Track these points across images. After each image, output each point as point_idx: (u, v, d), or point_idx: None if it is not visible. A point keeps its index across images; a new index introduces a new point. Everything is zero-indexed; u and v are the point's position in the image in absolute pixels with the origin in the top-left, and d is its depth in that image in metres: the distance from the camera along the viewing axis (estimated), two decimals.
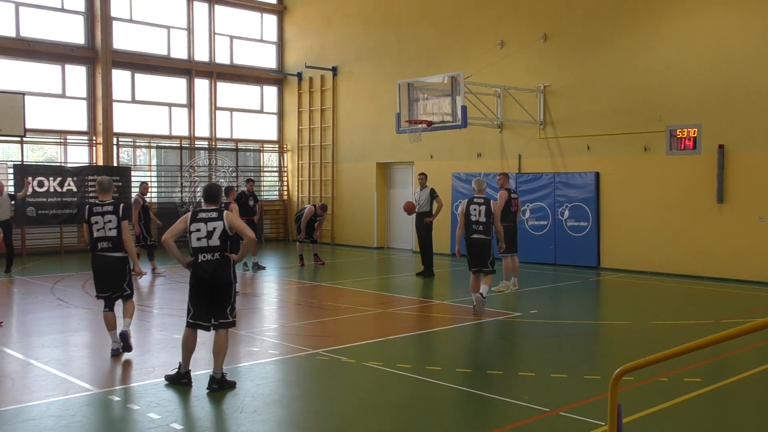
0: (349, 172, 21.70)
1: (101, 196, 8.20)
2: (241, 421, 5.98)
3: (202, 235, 6.73)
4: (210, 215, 6.79)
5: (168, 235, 6.84)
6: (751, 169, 13.73)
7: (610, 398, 3.80)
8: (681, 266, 14.63)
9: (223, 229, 6.75)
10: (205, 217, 6.78)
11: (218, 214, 6.78)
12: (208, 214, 6.80)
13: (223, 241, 6.76)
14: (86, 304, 11.45)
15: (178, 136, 21.71)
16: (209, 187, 7.07)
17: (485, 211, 10.65)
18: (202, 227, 6.74)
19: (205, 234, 6.73)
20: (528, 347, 9.03)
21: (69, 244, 19.37)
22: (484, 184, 11.08)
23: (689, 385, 6.81)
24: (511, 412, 6.16)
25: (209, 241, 6.73)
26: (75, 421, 5.89)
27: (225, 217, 6.77)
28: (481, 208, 10.68)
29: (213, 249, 6.74)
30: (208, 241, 6.73)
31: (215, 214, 6.79)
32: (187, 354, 6.90)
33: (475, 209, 10.69)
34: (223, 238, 6.76)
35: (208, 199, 6.96)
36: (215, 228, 6.74)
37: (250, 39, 23.33)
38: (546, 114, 16.81)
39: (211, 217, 6.77)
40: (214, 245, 6.74)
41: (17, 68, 19.03)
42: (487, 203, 10.73)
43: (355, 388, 6.97)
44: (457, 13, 18.64)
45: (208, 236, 6.73)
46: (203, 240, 6.73)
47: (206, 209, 6.87)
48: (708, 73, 14.22)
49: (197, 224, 6.76)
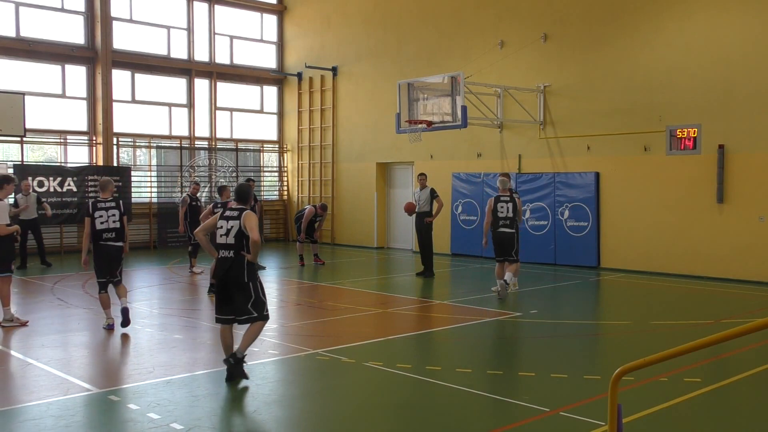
0: (349, 172, 21.70)
1: (102, 194, 9.47)
2: (241, 421, 5.98)
3: (222, 233, 6.98)
4: (233, 214, 7.01)
5: (200, 230, 7.25)
6: (751, 169, 13.73)
7: (610, 398, 3.80)
8: (681, 266, 14.63)
9: (239, 228, 6.92)
10: (229, 216, 7.02)
11: (239, 213, 6.98)
12: (232, 213, 7.03)
13: (238, 240, 6.91)
14: (86, 304, 11.45)
15: (178, 136, 21.71)
16: (239, 187, 7.29)
17: (512, 208, 11.97)
18: (224, 225, 6.99)
19: (224, 231, 6.97)
20: (528, 347, 9.03)
21: (69, 244, 19.37)
22: (509, 183, 12.31)
23: (689, 385, 6.81)
24: (511, 412, 6.16)
25: (227, 238, 6.95)
26: (75, 421, 5.89)
27: (242, 217, 6.95)
28: (508, 205, 11.97)
29: (229, 246, 6.92)
30: (226, 239, 6.95)
31: (236, 213, 6.99)
32: (226, 348, 7.08)
33: (502, 206, 11.98)
34: (239, 237, 6.91)
35: (237, 198, 7.18)
36: (233, 226, 6.94)
37: (250, 39, 23.33)
38: (546, 114, 16.80)
39: (232, 216, 6.99)
40: (230, 243, 6.92)
41: (17, 68, 19.03)
42: (513, 200, 12.01)
43: (355, 388, 6.97)
44: (457, 13, 18.64)
45: (227, 234, 6.95)
46: (223, 237, 6.97)
47: (232, 208, 7.08)
48: (708, 73, 14.22)
49: (222, 221, 7.02)
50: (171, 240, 20.76)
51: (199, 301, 11.97)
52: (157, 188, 21.21)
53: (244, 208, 7.08)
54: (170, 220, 20.85)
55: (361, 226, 21.23)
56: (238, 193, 7.20)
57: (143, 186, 21.00)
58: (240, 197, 7.15)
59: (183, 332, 9.35)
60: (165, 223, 20.78)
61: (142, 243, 20.53)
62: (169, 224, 20.81)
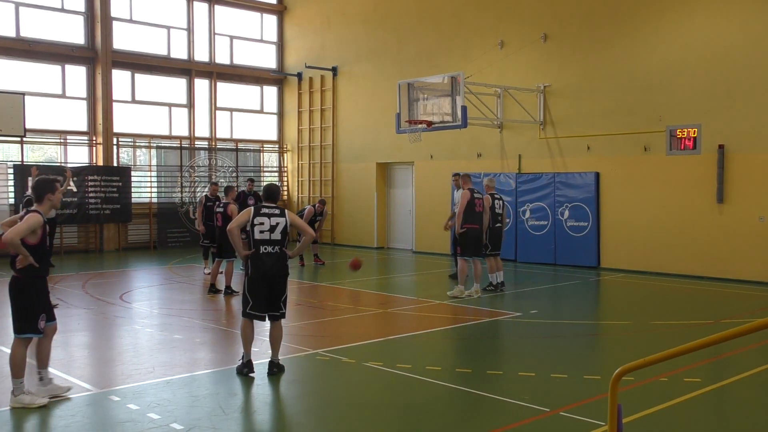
0: (349, 172, 21.70)
1: None
2: (241, 421, 5.98)
3: (265, 229, 7.21)
4: (273, 211, 7.30)
5: (234, 225, 7.29)
6: (751, 169, 13.73)
7: (610, 398, 3.80)
8: (681, 266, 14.63)
9: (285, 225, 7.27)
10: (269, 213, 7.28)
11: (281, 212, 7.31)
12: (271, 210, 7.31)
13: (283, 236, 7.28)
14: (86, 304, 11.45)
15: (178, 136, 21.70)
16: (269, 186, 7.57)
17: (502, 206, 12.68)
18: (266, 221, 7.23)
19: (268, 228, 7.21)
20: (528, 347, 9.02)
21: (69, 244, 19.37)
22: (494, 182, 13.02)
23: (689, 385, 6.81)
24: (511, 412, 6.16)
25: (272, 234, 7.21)
26: (75, 421, 5.89)
27: (287, 215, 7.33)
28: (500, 203, 12.68)
29: (274, 242, 7.22)
30: (270, 235, 7.21)
31: (278, 211, 7.30)
32: (247, 343, 7.25)
33: (498, 203, 12.59)
34: (284, 233, 7.28)
35: (268, 197, 7.47)
36: (278, 223, 7.25)
37: (250, 39, 23.33)
38: (546, 114, 16.81)
39: (274, 213, 7.29)
40: (276, 239, 7.22)
41: (17, 68, 19.03)
42: (502, 199, 12.84)
43: (355, 389, 6.97)
44: (457, 14, 18.64)
45: (271, 230, 7.22)
46: (266, 233, 7.20)
47: (268, 206, 7.37)
48: (708, 74, 14.22)
49: (261, 218, 7.23)
50: (171, 240, 20.76)
51: (200, 302, 11.96)
52: (157, 188, 21.21)
53: (282, 206, 7.39)
54: (170, 221, 20.87)
55: (361, 226, 21.23)
56: (268, 192, 7.51)
57: (143, 186, 21.00)
58: (271, 196, 7.46)
59: (183, 332, 9.35)
60: (165, 223, 20.78)
61: (142, 243, 20.53)
62: (169, 224, 20.81)
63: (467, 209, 11.92)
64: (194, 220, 17.80)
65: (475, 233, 11.96)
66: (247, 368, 7.17)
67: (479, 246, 12.12)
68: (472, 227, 11.93)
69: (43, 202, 6.38)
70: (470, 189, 12.13)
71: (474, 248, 12.01)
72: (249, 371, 7.15)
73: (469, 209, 11.93)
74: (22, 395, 6.16)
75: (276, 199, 7.49)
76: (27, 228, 6.11)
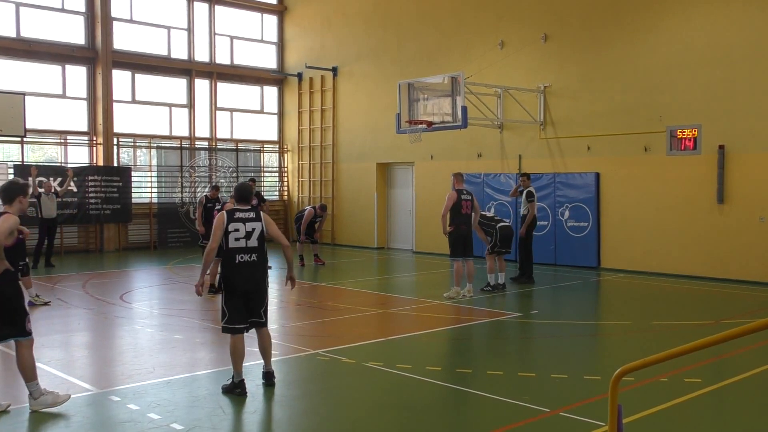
0: (349, 172, 21.70)
1: None
2: (241, 421, 5.98)
3: (240, 236, 6.58)
4: (248, 215, 6.67)
5: (214, 244, 6.64)
6: (751, 169, 13.72)
7: (611, 398, 3.80)
8: (681, 266, 14.63)
9: (261, 230, 6.66)
10: (244, 217, 6.65)
11: (256, 215, 6.70)
12: (246, 214, 6.68)
13: (261, 243, 6.66)
14: (86, 304, 11.45)
15: (179, 136, 21.70)
16: (241, 186, 6.92)
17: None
18: (241, 227, 6.60)
19: (243, 234, 6.59)
20: (528, 347, 9.02)
21: (69, 245, 19.37)
22: None
23: (689, 386, 6.81)
24: (511, 412, 6.16)
25: (248, 241, 6.60)
26: (75, 421, 5.89)
27: (263, 219, 6.72)
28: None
29: (251, 250, 6.61)
30: (246, 242, 6.60)
31: (253, 215, 6.69)
32: (238, 361, 6.58)
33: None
34: (261, 239, 6.67)
35: (240, 199, 6.81)
36: (254, 229, 6.63)
37: (251, 39, 23.33)
38: (546, 114, 16.80)
39: (249, 218, 6.66)
40: (253, 246, 6.61)
41: (17, 68, 19.03)
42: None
43: (355, 389, 6.97)
44: (457, 14, 18.64)
45: (247, 237, 6.60)
46: (242, 240, 6.59)
47: (242, 209, 6.73)
48: (708, 74, 14.22)
49: (236, 224, 6.60)
50: (171, 240, 20.76)
51: (200, 302, 11.96)
52: (157, 189, 21.21)
53: (256, 208, 6.82)
54: (171, 221, 20.86)
55: (361, 227, 21.23)
56: (240, 193, 6.82)
57: (143, 186, 21.00)
58: (243, 197, 6.81)
59: (183, 332, 9.35)
60: (165, 223, 20.78)
61: (143, 243, 20.53)
62: (169, 224, 20.81)
63: (453, 210, 11.82)
64: (194, 220, 17.80)
65: (463, 233, 11.86)
66: (240, 389, 6.48)
67: (468, 246, 11.97)
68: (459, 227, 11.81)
69: (13, 204, 6.14)
70: (458, 190, 11.98)
71: (463, 248, 11.91)
72: (241, 392, 6.46)
73: (456, 210, 11.83)
74: (42, 397, 6.08)
75: (249, 199, 6.88)
76: (8, 228, 5.87)
